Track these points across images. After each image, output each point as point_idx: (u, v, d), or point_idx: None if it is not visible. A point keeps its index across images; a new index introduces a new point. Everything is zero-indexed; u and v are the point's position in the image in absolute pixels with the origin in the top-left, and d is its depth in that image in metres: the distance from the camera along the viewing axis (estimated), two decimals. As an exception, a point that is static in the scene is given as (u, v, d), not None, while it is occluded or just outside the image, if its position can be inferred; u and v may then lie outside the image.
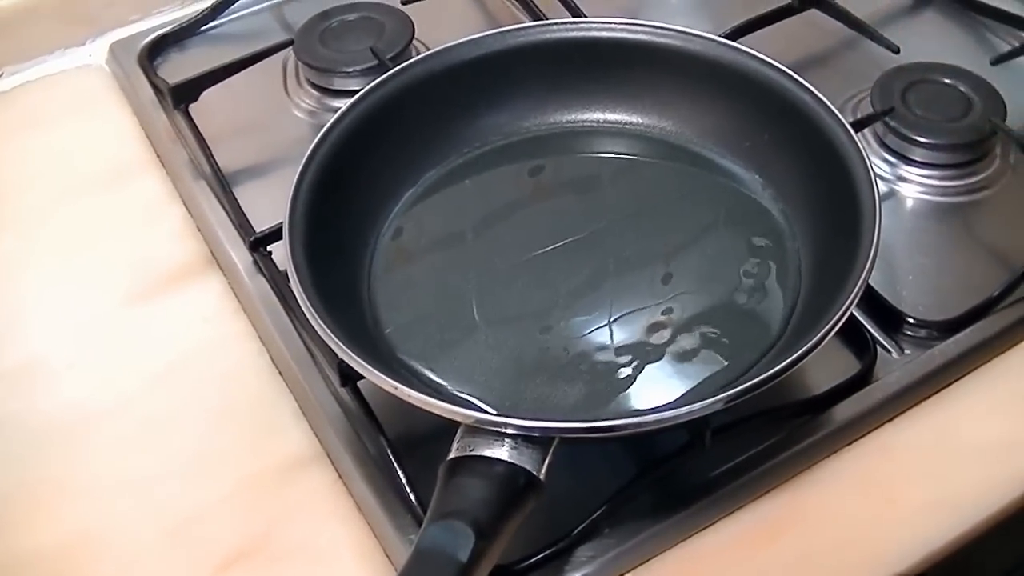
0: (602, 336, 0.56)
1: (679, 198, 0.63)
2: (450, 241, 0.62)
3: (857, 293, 0.51)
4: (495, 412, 0.51)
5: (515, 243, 0.61)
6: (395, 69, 0.63)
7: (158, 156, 0.72)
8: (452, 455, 0.47)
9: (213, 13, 0.80)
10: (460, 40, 0.64)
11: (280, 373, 0.60)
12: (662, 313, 0.57)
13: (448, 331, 0.57)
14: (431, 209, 0.63)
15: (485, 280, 0.59)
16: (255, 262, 0.64)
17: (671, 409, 0.47)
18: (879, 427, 0.56)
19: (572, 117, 0.66)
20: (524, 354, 0.56)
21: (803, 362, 0.48)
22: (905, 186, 0.67)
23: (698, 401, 0.47)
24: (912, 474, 0.55)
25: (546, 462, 0.47)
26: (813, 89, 0.59)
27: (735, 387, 0.47)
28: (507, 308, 0.58)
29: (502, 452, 0.46)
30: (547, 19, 0.74)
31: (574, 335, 0.56)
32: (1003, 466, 0.55)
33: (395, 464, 0.54)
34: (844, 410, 0.56)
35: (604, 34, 0.64)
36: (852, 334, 0.58)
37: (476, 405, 0.53)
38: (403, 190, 0.63)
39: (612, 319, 0.57)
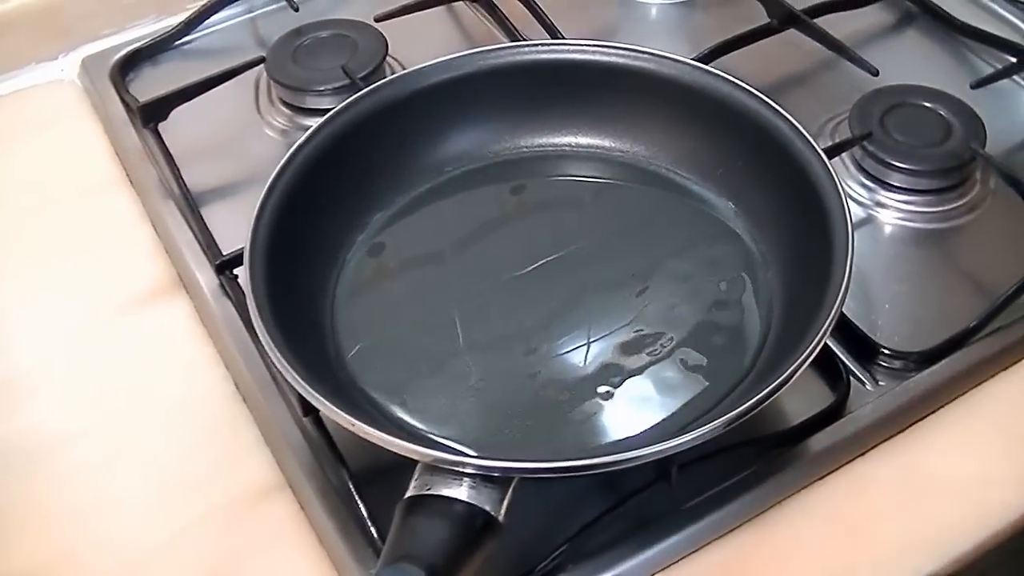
0: (571, 365, 0.55)
1: (652, 224, 0.62)
2: (418, 266, 0.61)
3: (830, 324, 0.50)
4: (454, 449, 0.50)
5: (485, 269, 0.60)
6: (365, 90, 0.62)
7: (127, 174, 0.71)
8: (409, 493, 0.46)
9: (187, 28, 0.79)
10: (432, 61, 0.63)
11: (244, 400, 0.59)
12: (633, 342, 0.56)
13: (412, 359, 0.56)
14: (398, 234, 0.62)
15: (452, 308, 0.58)
16: (221, 285, 0.63)
17: (632, 450, 0.46)
18: (851, 461, 0.55)
19: (544, 140, 0.65)
20: (487, 384, 0.55)
21: (773, 398, 0.48)
22: (883, 212, 0.66)
23: (661, 441, 0.46)
24: (884, 510, 0.54)
25: (506, 502, 0.46)
26: (787, 115, 0.58)
27: (699, 427, 0.46)
28: (477, 336, 0.57)
29: (460, 491, 0.45)
30: (523, 37, 0.74)
31: (535, 368, 0.55)
32: (977, 502, 0.54)
33: (356, 497, 0.53)
34: (816, 443, 0.55)
35: (577, 56, 0.63)
36: (825, 364, 0.57)
37: (436, 442, 0.52)
38: (371, 214, 0.62)
39: (588, 342, 0.56)
